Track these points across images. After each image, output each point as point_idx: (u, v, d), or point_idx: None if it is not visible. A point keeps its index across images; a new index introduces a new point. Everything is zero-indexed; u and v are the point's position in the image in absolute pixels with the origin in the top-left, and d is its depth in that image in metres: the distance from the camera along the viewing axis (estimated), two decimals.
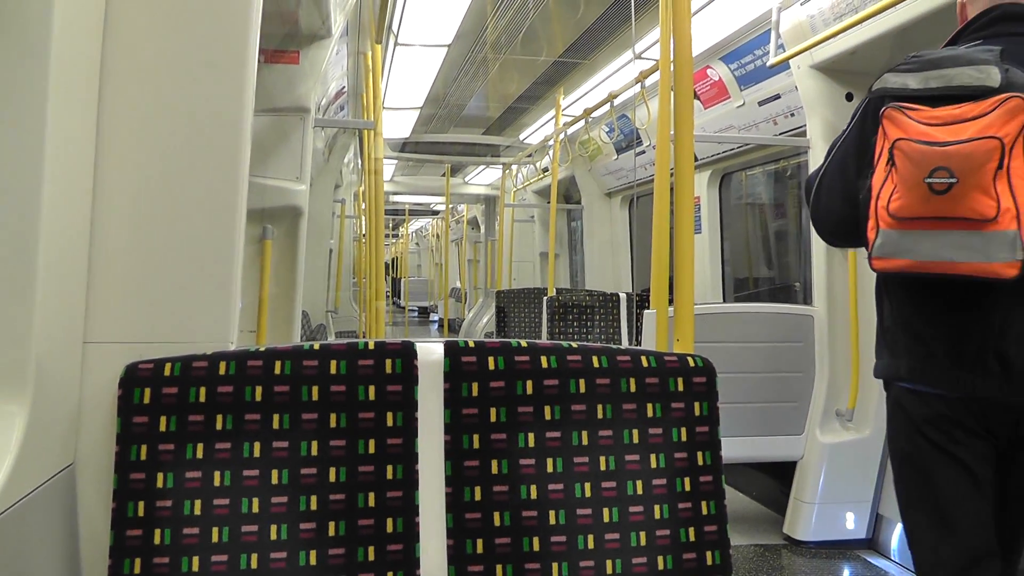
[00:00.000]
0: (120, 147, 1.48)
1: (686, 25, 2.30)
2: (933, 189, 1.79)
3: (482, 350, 1.53)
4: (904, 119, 1.88)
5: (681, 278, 2.25)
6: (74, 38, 1.36)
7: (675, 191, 2.30)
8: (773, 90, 4.72)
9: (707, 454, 1.58)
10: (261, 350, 1.46)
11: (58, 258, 1.34)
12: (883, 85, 2.00)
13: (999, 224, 1.75)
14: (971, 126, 1.78)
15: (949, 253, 1.81)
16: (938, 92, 1.88)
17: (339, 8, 3.58)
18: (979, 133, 1.76)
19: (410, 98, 7.35)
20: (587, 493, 1.51)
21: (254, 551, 1.39)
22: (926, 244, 1.85)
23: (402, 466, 1.47)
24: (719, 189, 6.28)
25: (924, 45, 3.50)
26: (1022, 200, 1.74)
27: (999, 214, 1.74)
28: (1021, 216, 1.74)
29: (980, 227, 1.77)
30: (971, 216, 1.77)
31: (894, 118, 1.91)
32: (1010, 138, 1.74)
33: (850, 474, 4.09)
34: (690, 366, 1.60)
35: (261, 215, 3.28)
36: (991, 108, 1.77)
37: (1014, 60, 1.88)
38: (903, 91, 1.94)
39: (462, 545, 1.47)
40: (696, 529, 1.54)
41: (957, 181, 1.77)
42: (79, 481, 1.45)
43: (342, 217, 10.11)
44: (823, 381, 4.16)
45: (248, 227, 1.65)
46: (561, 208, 9.71)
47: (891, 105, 1.93)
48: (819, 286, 4.21)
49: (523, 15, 5.11)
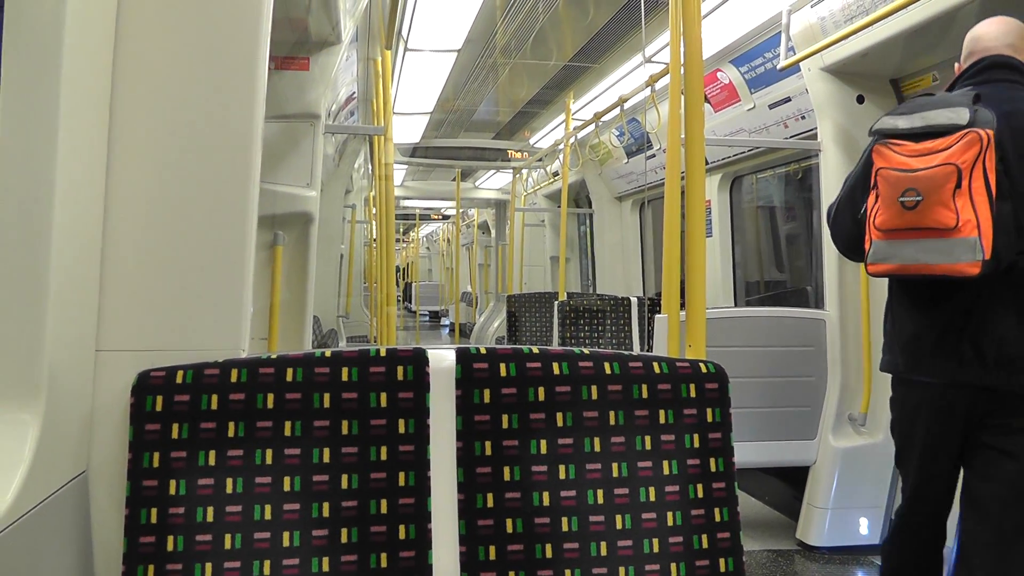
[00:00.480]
0: (131, 155, 1.49)
1: (696, 28, 2.30)
2: (905, 206, 2.28)
3: (494, 357, 1.53)
4: (888, 152, 2.36)
5: (692, 283, 2.25)
6: (85, 48, 1.36)
7: (686, 195, 2.30)
8: (783, 93, 4.71)
9: (720, 460, 1.57)
10: (273, 357, 1.46)
11: (70, 267, 1.34)
12: (879, 126, 2.44)
13: (961, 232, 2.18)
14: (938, 156, 2.24)
15: (924, 256, 2.27)
16: (920, 130, 2.32)
17: (349, 14, 3.59)
18: (942, 161, 2.22)
19: (420, 103, 7.36)
20: (600, 500, 1.51)
21: (267, 558, 1.39)
22: (907, 250, 2.31)
23: (414, 473, 1.47)
24: (730, 192, 6.27)
25: (934, 47, 3.51)
26: (982, 213, 2.16)
27: (960, 224, 2.18)
28: (981, 226, 2.16)
29: (945, 235, 2.21)
30: (936, 226, 2.22)
31: (880, 152, 2.39)
32: (967, 164, 2.18)
33: (863, 479, 4.06)
34: (702, 372, 1.60)
35: (272, 221, 3.29)
36: (955, 141, 2.21)
37: (991, 101, 2.30)
38: (893, 130, 2.39)
39: (475, 552, 1.47)
40: (709, 536, 1.54)
41: (923, 199, 2.24)
42: (92, 488, 1.45)
43: (353, 222, 10.13)
44: (835, 385, 4.14)
45: (259, 233, 1.66)
46: (571, 212, 9.70)
47: (880, 141, 2.41)
48: (831, 290, 4.19)
49: (533, 19, 5.11)
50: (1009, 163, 2.25)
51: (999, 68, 2.43)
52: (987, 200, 2.16)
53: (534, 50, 5.76)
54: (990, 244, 2.15)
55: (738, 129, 5.31)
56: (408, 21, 5.03)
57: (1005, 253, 2.19)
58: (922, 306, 2.46)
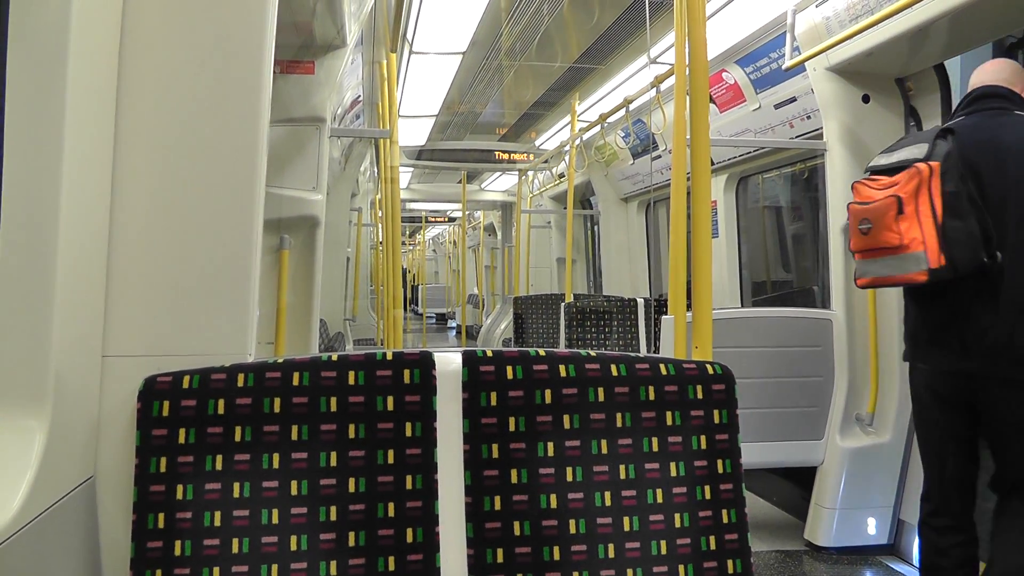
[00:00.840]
0: (136, 160, 1.49)
1: (701, 29, 2.29)
2: (862, 232, 2.78)
3: (500, 359, 1.53)
4: (861, 187, 2.86)
5: (699, 284, 2.24)
6: (90, 54, 1.37)
7: (691, 195, 2.29)
8: (789, 93, 4.70)
9: (727, 462, 1.57)
10: (279, 362, 1.46)
11: (75, 272, 1.35)
12: (870, 163, 2.92)
13: (908, 249, 2.63)
14: (890, 189, 2.69)
15: (884, 271, 2.75)
16: (892, 166, 2.77)
17: (354, 18, 3.59)
18: (887, 193, 2.69)
19: (426, 106, 7.36)
20: (607, 502, 1.51)
21: (274, 562, 1.39)
22: (873, 266, 2.81)
23: (421, 476, 1.47)
24: (736, 193, 6.26)
25: (940, 46, 3.50)
26: (927, 232, 2.59)
27: (905, 242, 2.63)
28: (927, 242, 2.59)
29: (894, 252, 2.69)
30: (884, 245, 2.70)
31: (855, 188, 2.90)
32: (909, 194, 2.62)
33: (871, 479, 4.06)
34: (709, 373, 1.59)
35: (278, 225, 3.29)
36: (905, 176, 2.66)
37: (971, 130, 2.68)
38: (875, 167, 2.88)
39: (482, 555, 1.47)
40: (717, 537, 1.53)
41: (871, 225, 2.74)
42: (99, 494, 1.46)
43: (359, 225, 10.14)
44: (843, 385, 4.13)
45: (265, 237, 1.66)
46: (578, 214, 9.70)
47: (862, 177, 2.92)
48: (837, 290, 4.18)
49: (538, 21, 5.11)
50: (984, 183, 2.60)
51: (988, 98, 2.76)
52: (932, 221, 2.58)
53: (539, 52, 5.75)
54: (936, 256, 2.57)
55: (744, 129, 5.30)
56: (413, 24, 5.03)
57: (963, 261, 2.56)
58: (922, 304, 2.86)
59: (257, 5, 1.55)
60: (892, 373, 4.06)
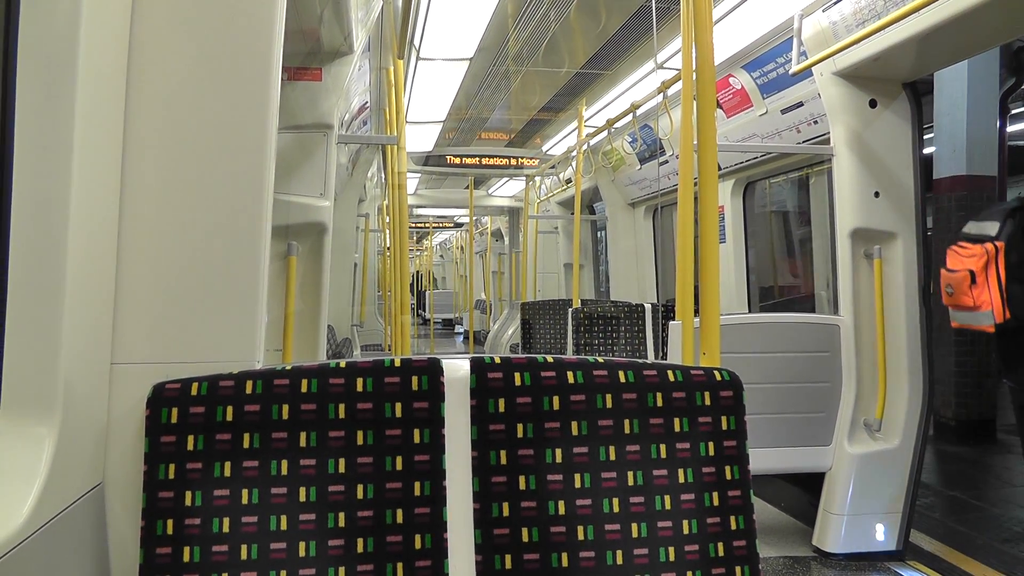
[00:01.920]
0: (145, 168, 1.50)
1: (708, 34, 2.30)
2: (948, 293, 3.72)
3: (508, 366, 1.53)
4: (951, 253, 3.74)
5: (706, 290, 2.24)
6: (99, 60, 1.38)
7: (699, 201, 2.29)
8: (796, 98, 4.70)
9: (735, 468, 1.57)
10: (287, 368, 1.47)
11: (84, 280, 1.35)
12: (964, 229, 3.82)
13: (980, 308, 3.60)
14: (967, 261, 3.63)
15: (967, 320, 3.72)
16: (975, 237, 3.67)
17: (361, 24, 3.60)
18: (963, 267, 3.63)
19: (432, 112, 7.36)
20: (615, 509, 1.51)
21: (283, 568, 1.39)
22: (959, 316, 3.76)
23: (430, 482, 1.47)
24: (743, 198, 6.25)
25: (947, 50, 3.50)
26: (994, 297, 3.56)
27: (978, 303, 3.59)
28: (994, 304, 3.55)
29: (971, 309, 3.63)
30: (963, 305, 3.65)
31: (948, 252, 3.76)
32: (980, 268, 3.58)
33: (880, 485, 4.04)
34: (716, 380, 1.59)
35: (286, 232, 3.30)
36: (980, 249, 3.60)
37: None
38: (963, 235, 3.77)
39: (491, 561, 1.47)
40: (725, 544, 1.53)
41: (953, 291, 3.67)
42: (108, 500, 1.46)
43: (366, 231, 10.15)
44: (850, 391, 4.12)
45: (273, 244, 1.66)
46: (585, 219, 9.70)
47: (954, 242, 3.78)
48: (845, 295, 4.17)
49: (544, 27, 5.11)
50: None
51: None
52: (998, 287, 3.55)
53: (546, 57, 5.76)
54: (1000, 313, 3.56)
55: (751, 134, 5.30)
56: (420, 30, 5.04)
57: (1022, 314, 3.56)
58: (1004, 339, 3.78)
59: (265, 13, 1.55)
60: (900, 379, 4.05)
